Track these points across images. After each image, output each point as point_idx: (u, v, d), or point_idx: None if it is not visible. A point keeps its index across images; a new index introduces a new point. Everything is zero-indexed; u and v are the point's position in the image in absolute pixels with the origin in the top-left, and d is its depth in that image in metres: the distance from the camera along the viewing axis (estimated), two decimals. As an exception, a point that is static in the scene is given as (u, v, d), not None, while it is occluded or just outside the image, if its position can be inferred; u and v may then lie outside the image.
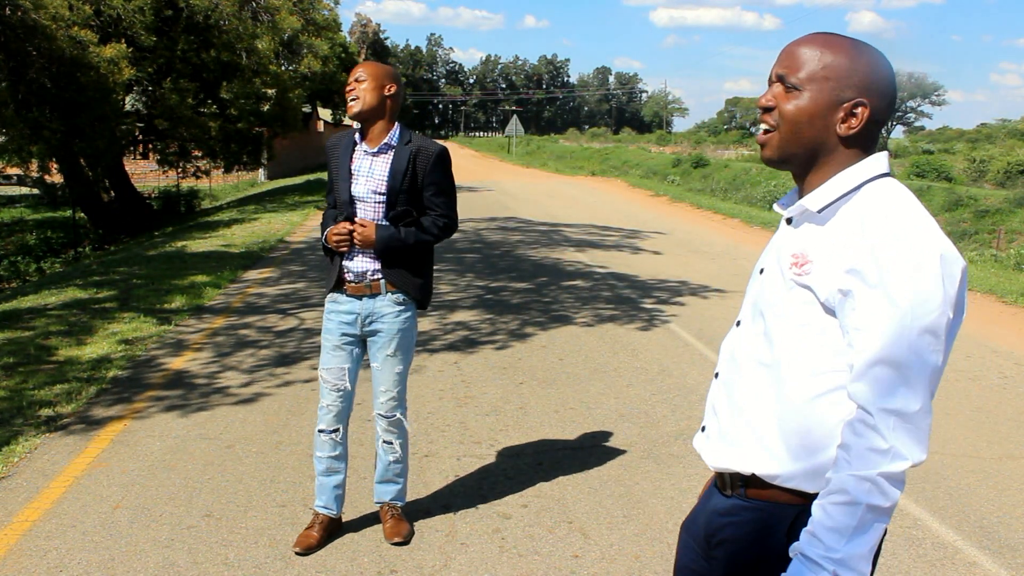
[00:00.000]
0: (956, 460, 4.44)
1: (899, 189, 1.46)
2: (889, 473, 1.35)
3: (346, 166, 3.21)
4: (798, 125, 1.49)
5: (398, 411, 3.34)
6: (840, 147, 1.49)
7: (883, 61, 1.49)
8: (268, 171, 33.06)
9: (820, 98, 1.47)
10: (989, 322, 8.10)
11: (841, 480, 1.37)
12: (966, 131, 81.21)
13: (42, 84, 14.34)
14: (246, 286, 9.06)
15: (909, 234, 1.37)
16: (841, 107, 1.47)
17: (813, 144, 1.50)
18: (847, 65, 1.47)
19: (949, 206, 19.65)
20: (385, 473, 3.41)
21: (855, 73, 1.47)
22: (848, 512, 1.36)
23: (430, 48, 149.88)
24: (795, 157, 1.52)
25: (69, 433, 4.56)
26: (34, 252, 18.29)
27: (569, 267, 10.65)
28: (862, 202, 1.45)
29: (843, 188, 1.47)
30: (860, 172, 1.48)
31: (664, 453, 4.41)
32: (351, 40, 44.46)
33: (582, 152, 50.49)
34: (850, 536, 1.36)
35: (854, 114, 1.47)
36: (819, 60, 1.48)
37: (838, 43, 1.49)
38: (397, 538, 3.35)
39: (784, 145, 1.52)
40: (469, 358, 6.24)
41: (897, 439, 1.35)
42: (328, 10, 24.94)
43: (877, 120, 1.49)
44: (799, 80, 1.48)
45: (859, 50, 1.48)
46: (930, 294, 1.35)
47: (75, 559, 3.22)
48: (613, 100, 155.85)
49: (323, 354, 3.32)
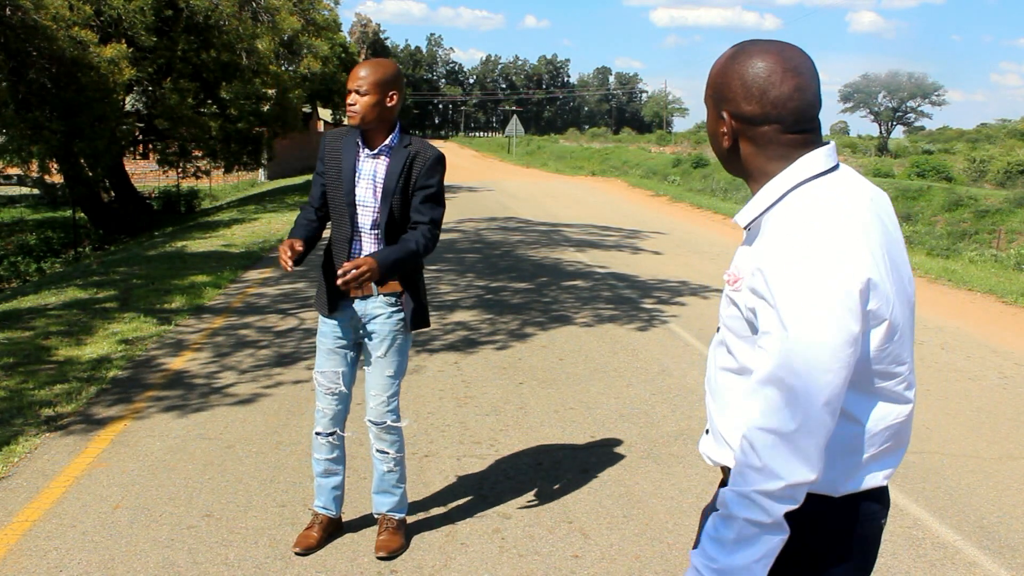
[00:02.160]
0: (956, 460, 4.44)
1: (814, 198, 1.40)
2: (765, 491, 1.35)
3: (350, 167, 3.14)
4: (711, 140, 1.55)
5: (388, 417, 3.24)
6: (738, 160, 1.49)
7: (750, 58, 1.43)
8: (268, 171, 33.07)
9: (710, 116, 1.52)
10: (989, 322, 8.10)
11: (723, 494, 1.41)
12: (966, 131, 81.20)
13: (42, 84, 14.35)
14: (246, 286, 9.06)
15: (804, 257, 1.33)
16: (720, 121, 1.48)
17: (724, 160, 1.53)
18: (713, 76, 1.49)
19: (949, 206, 19.66)
20: (381, 483, 3.34)
21: (717, 81, 1.48)
22: (726, 525, 1.39)
23: (430, 48, 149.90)
24: (725, 165, 1.55)
25: (69, 433, 4.56)
26: (34, 252, 18.29)
27: (569, 267, 10.65)
28: (778, 216, 1.42)
29: (767, 201, 1.45)
30: (784, 181, 1.43)
31: (664, 453, 4.41)
32: (351, 40, 44.44)
33: (582, 152, 50.48)
34: (730, 548, 1.39)
35: (723, 124, 1.47)
36: (709, 78, 1.52)
37: (720, 57, 1.50)
38: (383, 552, 3.26)
39: (721, 163, 1.57)
40: (469, 358, 6.24)
41: (772, 459, 1.35)
42: (328, 10, 24.93)
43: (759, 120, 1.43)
44: (704, 100, 1.54)
45: (726, 57, 1.48)
46: (821, 318, 1.31)
47: (75, 559, 3.22)
48: (613, 100, 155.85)
49: (318, 357, 3.30)
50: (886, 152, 58.37)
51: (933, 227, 18.73)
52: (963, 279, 10.46)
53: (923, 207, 19.82)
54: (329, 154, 3.20)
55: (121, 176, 20.62)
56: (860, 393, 1.43)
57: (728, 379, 1.55)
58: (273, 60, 20.11)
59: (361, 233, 3.17)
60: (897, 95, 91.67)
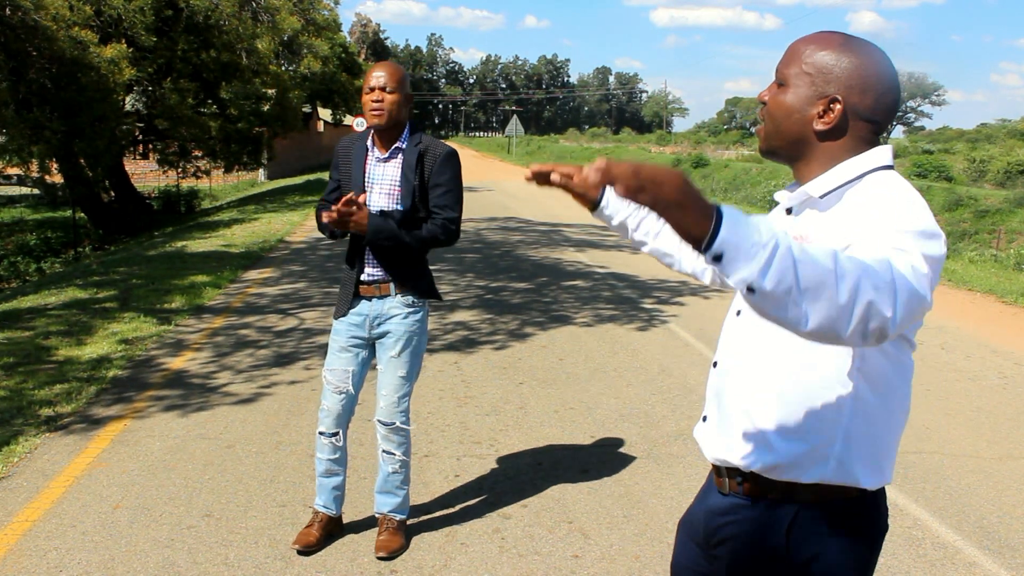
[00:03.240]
0: (956, 460, 4.44)
1: (901, 180, 1.45)
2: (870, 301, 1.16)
3: (360, 172, 3.14)
4: (778, 119, 1.52)
5: (398, 418, 3.23)
6: (819, 142, 1.49)
7: (874, 59, 1.47)
8: (268, 171, 33.06)
9: (799, 93, 1.49)
10: (989, 322, 8.10)
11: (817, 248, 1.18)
12: (966, 131, 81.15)
13: (42, 84, 14.35)
14: (246, 286, 9.06)
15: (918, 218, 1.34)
16: (819, 102, 1.47)
17: (793, 138, 1.51)
18: (829, 61, 1.47)
19: (949, 206, 19.65)
20: (384, 484, 3.34)
21: (836, 68, 1.47)
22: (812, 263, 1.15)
23: (430, 48, 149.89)
24: (780, 149, 1.54)
25: (69, 433, 4.56)
26: (34, 252, 18.29)
27: (569, 267, 10.65)
28: (864, 189, 1.44)
29: (846, 176, 1.46)
30: (863, 162, 1.47)
31: (664, 453, 4.41)
32: (351, 40, 44.46)
33: (582, 152, 50.49)
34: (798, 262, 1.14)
35: (830, 109, 1.47)
36: (806, 56, 1.49)
37: (830, 40, 1.49)
38: (383, 552, 3.26)
39: (768, 138, 1.54)
40: (469, 358, 6.24)
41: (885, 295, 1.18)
42: (328, 10, 24.96)
43: (862, 116, 1.47)
44: (786, 76, 1.51)
45: (848, 47, 1.48)
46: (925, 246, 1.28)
47: (75, 559, 3.22)
48: (613, 100, 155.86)
49: (329, 355, 3.29)
50: (890, 146, 58.31)
51: (933, 227, 18.74)
52: (963, 279, 10.47)
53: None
54: (342, 161, 3.22)
55: (121, 176, 20.62)
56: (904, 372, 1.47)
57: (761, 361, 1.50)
58: (273, 60, 20.13)
59: None
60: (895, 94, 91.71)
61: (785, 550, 1.49)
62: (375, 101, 3.04)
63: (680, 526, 1.76)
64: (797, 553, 1.49)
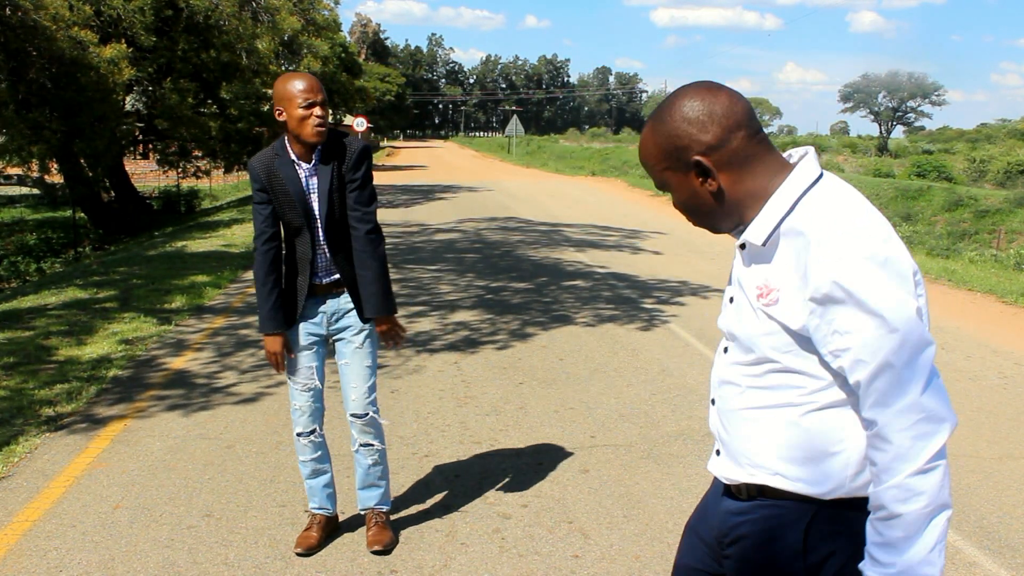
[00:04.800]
0: (956, 460, 4.44)
1: (837, 198, 1.42)
2: (914, 470, 1.36)
3: (298, 187, 3.07)
4: (691, 210, 1.53)
5: (370, 409, 3.26)
6: (726, 200, 1.48)
7: (683, 100, 1.46)
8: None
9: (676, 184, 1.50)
10: (989, 322, 8.10)
11: (876, 495, 1.39)
12: (966, 131, 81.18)
13: (42, 84, 14.35)
14: (246, 286, 9.06)
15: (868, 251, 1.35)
16: (691, 176, 1.47)
17: (716, 214, 1.51)
18: (661, 142, 1.48)
19: (949, 206, 19.66)
20: (366, 478, 3.35)
21: (666, 142, 1.47)
22: (890, 525, 1.37)
23: (430, 48, 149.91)
24: (719, 223, 1.54)
25: (69, 433, 4.56)
26: (34, 252, 18.30)
27: (569, 267, 10.65)
28: (801, 221, 1.41)
29: (779, 214, 1.44)
30: (790, 191, 1.44)
31: (664, 453, 4.41)
32: (351, 40, 44.46)
33: (582, 152, 50.46)
34: (900, 547, 1.37)
35: (701, 170, 1.46)
36: (652, 161, 1.51)
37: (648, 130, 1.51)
38: (377, 546, 3.28)
39: (701, 225, 1.56)
40: (469, 358, 6.24)
41: (908, 437, 1.36)
42: (328, 10, 24.96)
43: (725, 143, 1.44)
44: (660, 182, 1.53)
45: (659, 119, 1.48)
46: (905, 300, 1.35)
47: (75, 559, 3.22)
48: (613, 100, 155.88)
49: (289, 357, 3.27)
50: (886, 152, 58.38)
51: (933, 227, 18.74)
52: (963, 279, 10.47)
53: (923, 207, 19.83)
54: (269, 180, 3.09)
55: (121, 176, 20.62)
56: None
57: (760, 396, 1.51)
58: (273, 60, 20.11)
59: (320, 246, 3.15)
60: (897, 95, 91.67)
61: (802, 548, 1.48)
62: (319, 117, 2.98)
63: (688, 529, 1.76)
64: (814, 551, 1.48)
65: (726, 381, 1.58)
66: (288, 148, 3.08)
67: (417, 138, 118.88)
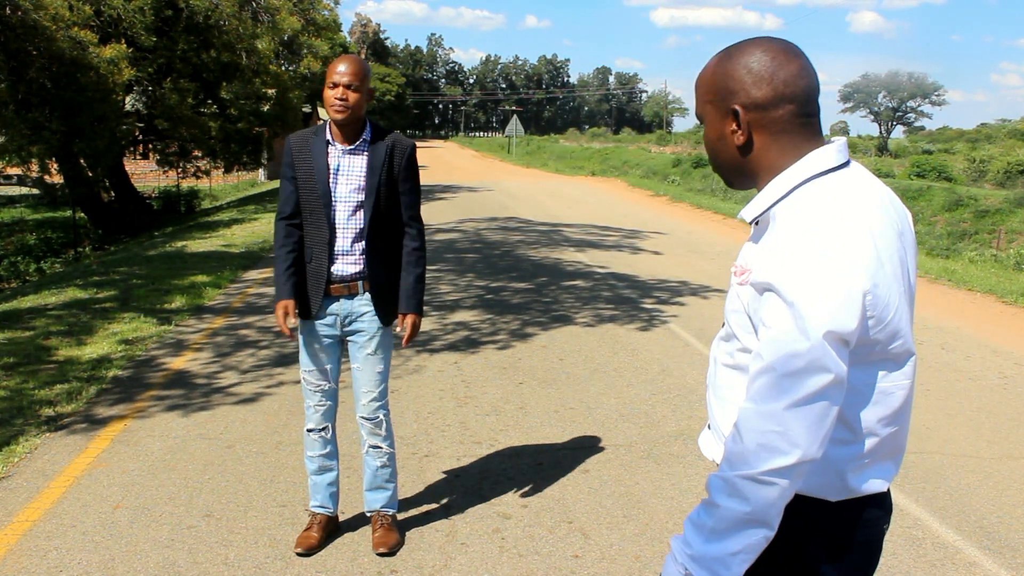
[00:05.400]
0: (956, 460, 4.44)
1: (824, 197, 1.39)
2: (746, 475, 1.33)
3: (323, 165, 3.12)
4: (712, 154, 1.55)
5: (381, 412, 3.28)
6: (746, 157, 1.48)
7: (758, 51, 1.45)
8: (268, 171, 33.07)
9: (712, 121, 1.51)
10: (989, 322, 8.10)
11: (709, 479, 1.40)
12: (966, 131, 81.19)
13: (42, 84, 14.34)
14: (246, 286, 9.07)
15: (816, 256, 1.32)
16: (727, 120, 1.48)
17: (732, 164, 1.52)
18: (717, 78, 1.49)
19: (949, 206, 19.65)
20: (374, 480, 3.36)
21: (725, 80, 1.47)
22: (707, 512, 1.38)
23: (430, 48, 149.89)
24: (732, 176, 1.54)
25: (69, 433, 4.56)
26: (34, 252, 18.30)
27: (569, 267, 10.65)
28: (787, 211, 1.40)
29: (775, 195, 1.44)
30: (793, 175, 1.43)
31: (664, 453, 4.41)
32: (351, 40, 44.46)
33: (582, 152, 50.45)
34: (707, 536, 1.37)
35: (736, 120, 1.46)
36: (701, 86, 1.52)
37: (711, 62, 1.52)
38: (383, 548, 3.29)
39: (717, 170, 1.57)
40: (469, 358, 6.24)
41: (754, 440, 1.33)
42: (328, 10, 24.95)
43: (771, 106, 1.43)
44: (699, 113, 1.55)
45: (726, 56, 1.49)
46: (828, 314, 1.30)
47: (75, 559, 3.22)
48: (613, 100, 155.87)
49: (304, 355, 3.30)
50: (886, 152, 58.36)
51: (933, 227, 18.73)
52: (963, 279, 10.46)
53: (923, 207, 19.81)
54: (297, 157, 3.16)
55: (121, 176, 20.62)
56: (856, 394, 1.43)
57: (729, 375, 1.54)
58: (273, 60, 20.13)
59: (340, 230, 3.16)
60: (897, 95, 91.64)
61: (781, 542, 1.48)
62: (339, 99, 3.05)
63: None
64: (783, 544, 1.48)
65: (715, 358, 1.62)
66: (327, 129, 3.16)
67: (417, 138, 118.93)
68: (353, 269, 3.18)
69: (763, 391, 1.34)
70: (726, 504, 1.35)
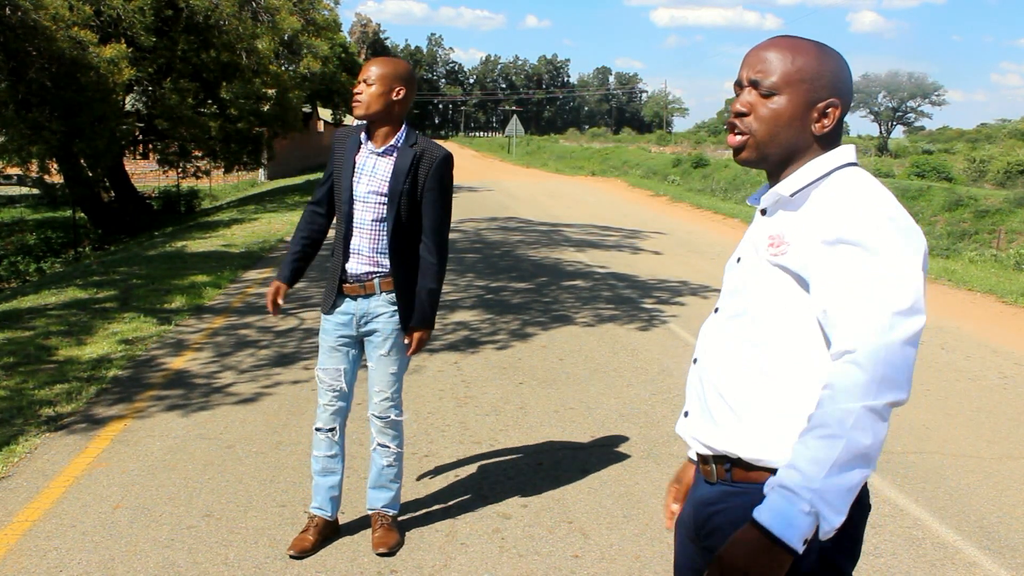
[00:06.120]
0: (956, 460, 4.44)
1: (867, 176, 1.53)
2: (875, 406, 1.34)
3: (350, 162, 3.17)
4: (776, 128, 1.56)
5: (392, 412, 3.29)
6: (813, 145, 1.56)
7: (844, 61, 1.58)
8: (268, 171, 33.07)
9: (797, 100, 1.54)
10: (989, 322, 8.10)
11: (823, 415, 1.36)
12: (966, 131, 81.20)
13: (42, 84, 14.35)
14: (246, 286, 9.07)
15: (891, 216, 1.44)
16: (815, 108, 1.54)
17: (790, 144, 1.56)
18: (816, 67, 1.54)
19: (949, 206, 19.64)
20: (378, 478, 3.36)
21: (825, 74, 1.54)
22: (829, 444, 1.34)
23: (430, 48, 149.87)
24: (773, 156, 1.58)
25: (69, 433, 4.56)
26: (34, 252, 18.31)
27: (569, 267, 10.65)
28: (832, 186, 1.51)
29: (814, 175, 1.54)
30: (830, 161, 1.55)
31: (664, 453, 4.41)
32: (351, 40, 44.45)
33: (582, 152, 50.45)
34: (830, 468, 1.33)
35: (827, 114, 1.54)
36: (792, 63, 1.54)
37: (805, 46, 1.56)
38: (382, 548, 3.29)
39: (762, 147, 1.58)
40: (469, 358, 6.24)
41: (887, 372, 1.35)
42: (328, 10, 24.93)
43: (843, 117, 1.59)
44: (774, 84, 1.54)
45: (825, 52, 1.56)
46: (905, 243, 1.41)
47: (75, 559, 3.22)
48: (613, 100, 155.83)
49: (321, 355, 3.33)
50: (886, 152, 58.37)
51: (933, 227, 18.72)
52: (963, 279, 10.47)
53: (923, 207, 19.81)
54: (336, 149, 3.27)
55: (121, 176, 20.62)
56: None
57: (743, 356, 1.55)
58: (273, 60, 20.12)
59: (359, 229, 3.17)
60: (897, 95, 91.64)
61: None
62: (356, 93, 3.10)
63: (676, 525, 1.76)
64: None
65: (717, 339, 1.63)
66: (366, 128, 3.19)
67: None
68: (366, 268, 3.18)
69: (881, 326, 1.36)
70: (851, 435, 1.33)
